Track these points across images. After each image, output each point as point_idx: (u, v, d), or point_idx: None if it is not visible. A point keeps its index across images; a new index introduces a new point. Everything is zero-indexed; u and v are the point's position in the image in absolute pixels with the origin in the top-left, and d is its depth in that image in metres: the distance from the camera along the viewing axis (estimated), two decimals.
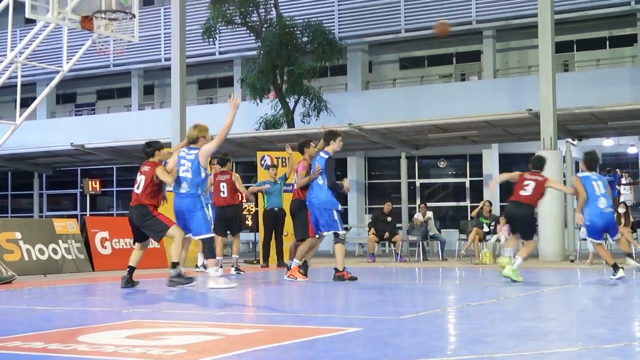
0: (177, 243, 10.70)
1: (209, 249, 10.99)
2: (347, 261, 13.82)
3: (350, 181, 13.56)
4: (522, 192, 12.27)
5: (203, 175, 10.86)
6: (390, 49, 33.99)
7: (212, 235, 10.95)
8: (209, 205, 14.97)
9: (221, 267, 14.38)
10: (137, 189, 10.97)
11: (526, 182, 12.29)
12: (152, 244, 13.00)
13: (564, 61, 30.52)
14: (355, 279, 12.07)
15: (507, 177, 13.44)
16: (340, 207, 12.21)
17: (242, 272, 14.50)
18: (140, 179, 11.01)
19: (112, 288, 11.69)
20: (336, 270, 12.16)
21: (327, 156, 12.19)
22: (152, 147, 11.28)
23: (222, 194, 14.90)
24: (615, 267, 12.13)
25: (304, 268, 12.39)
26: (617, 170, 22.29)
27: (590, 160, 12.74)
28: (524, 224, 12.41)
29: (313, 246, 12.59)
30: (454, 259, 19.57)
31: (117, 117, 37.10)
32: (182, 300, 9.73)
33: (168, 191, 11.79)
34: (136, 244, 11.38)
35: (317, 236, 12.33)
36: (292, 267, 12.54)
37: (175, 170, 10.89)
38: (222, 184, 14.94)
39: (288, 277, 12.35)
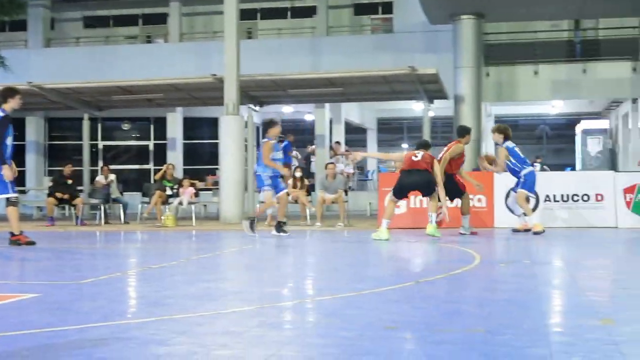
0: None
1: None
2: (25, 225, 13.33)
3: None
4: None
5: None
6: (74, 7, 32.98)
7: None
8: None
9: None
10: None
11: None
12: None
13: (248, 28, 31.24)
14: (33, 243, 11.72)
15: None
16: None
17: None
18: None
19: None
20: (12, 234, 11.75)
21: (2, 114, 11.64)
22: None
23: None
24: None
25: None
26: (290, 136, 23.14)
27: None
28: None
29: None
30: (137, 222, 19.51)
31: None
32: None
33: None
34: None
35: None
36: None
37: None
38: None
39: None
